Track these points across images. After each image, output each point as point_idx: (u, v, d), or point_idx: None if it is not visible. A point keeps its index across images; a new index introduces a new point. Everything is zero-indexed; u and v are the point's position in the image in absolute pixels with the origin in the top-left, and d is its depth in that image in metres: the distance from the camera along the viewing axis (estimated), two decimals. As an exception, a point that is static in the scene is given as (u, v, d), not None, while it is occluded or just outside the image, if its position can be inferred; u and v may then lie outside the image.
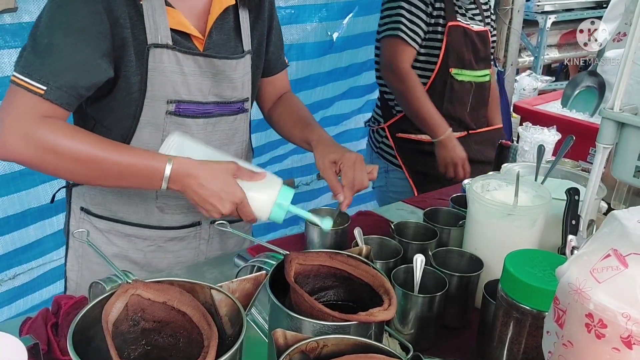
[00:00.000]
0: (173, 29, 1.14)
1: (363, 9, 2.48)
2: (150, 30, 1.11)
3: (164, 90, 1.15)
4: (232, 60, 1.22)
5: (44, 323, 0.93)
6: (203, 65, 1.18)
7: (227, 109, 1.26)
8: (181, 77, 1.16)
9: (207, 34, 1.19)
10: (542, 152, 1.26)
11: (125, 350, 0.72)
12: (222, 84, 1.23)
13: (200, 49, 1.18)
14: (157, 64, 1.13)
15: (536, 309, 0.80)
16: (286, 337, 0.66)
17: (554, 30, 4.49)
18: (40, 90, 1.01)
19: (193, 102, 1.19)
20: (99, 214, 1.28)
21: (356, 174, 1.22)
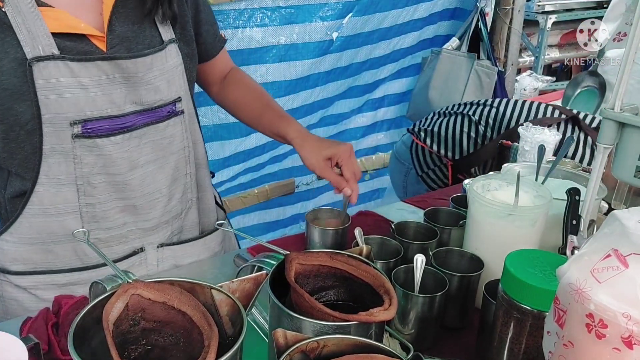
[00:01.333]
0: (58, 34, 0.93)
1: (363, 9, 2.48)
2: (26, 42, 0.91)
3: (62, 111, 0.95)
4: (146, 57, 1.02)
5: (44, 323, 0.93)
6: (109, 71, 0.98)
7: (154, 115, 1.07)
8: (82, 91, 0.96)
9: (106, 29, 0.98)
10: (542, 152, 1.26)
11: (126, 350, 0.72)
12: (139, 89, 1.02)
13: (103, 49, 0.98)
14: (46, 81, 0.93)
15: (537, 309, 0.80)
16: (286, 337, 0.66)
17: (555, 30, 4.49)
18: None
19: (104, 117, 1.00)
20: (19, 270, 1.09)
21: (353, 164, 1.20)
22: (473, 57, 2.83)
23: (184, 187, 1.19)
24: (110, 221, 1.10)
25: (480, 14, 2.89)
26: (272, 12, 2.23)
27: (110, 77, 0.99)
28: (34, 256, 1.08)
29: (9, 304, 1.12)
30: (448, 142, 2.09)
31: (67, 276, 1.09)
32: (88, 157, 1.01)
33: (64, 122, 0.97)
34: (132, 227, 1.13)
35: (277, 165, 2.66)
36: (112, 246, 1.12)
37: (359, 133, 3.00)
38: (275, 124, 1.26)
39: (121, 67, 0.99)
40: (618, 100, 0.97)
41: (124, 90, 1.01)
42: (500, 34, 3.09)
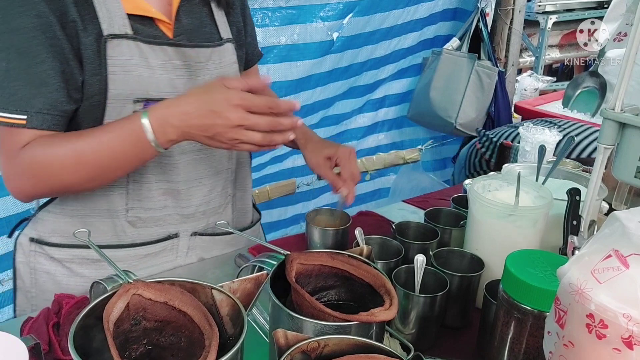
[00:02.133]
0: (133, 15, 0.99)
1: (363, 9, 2.48)
2: (104, 19, 0.96)
3: (128, 88, 1.00)
4: (207, 48, 1.08)
5: (45, 323, 0.93)
6: (174, 57, 1.04)
7: None
8: (148, 71, 1.01)
9: (174, 18, 1.05)
10: (543, 153, 1.26)
11: (127, 350, 0.72)
12: (197, 78, 1.08)
13: (170, 36, 1.05)
14: (117, 58, 0.98)
15: (537, 309, 0.80)
16: (287, 337, 0.66)
17: (555, 31, 4.48)
18: (22, 121, 0.93)
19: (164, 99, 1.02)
20: (56, 242, 1.12)
21: (353, 166, 1.20)
22: (474, 58, 2.83)
23: (225, 181, 1.22)
24: (152, 202, 1.12)
25: (480, 14, 2.89)
26: (272, 13, 2.23)
27: (174, 63, 1.04)
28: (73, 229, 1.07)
29: (40, 277, 1.15)
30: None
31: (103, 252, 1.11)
32: None
33: (128, 99, 1.01)
34: (171, 211, 1.16)
35: (278, 166, 2.66)
36: (149, 227, 1.14)
37: (359, 133, 3.00)
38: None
39: (185, 55, 1.05)
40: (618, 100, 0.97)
41: (184, 77, 1.06)
42: (500, 34, 3.09)
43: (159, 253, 1.18)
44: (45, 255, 1.14)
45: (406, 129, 3.13)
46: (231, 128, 0.91)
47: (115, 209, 1.10)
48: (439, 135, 3.13)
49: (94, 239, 1.05)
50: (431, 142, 3.16)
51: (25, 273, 1.17)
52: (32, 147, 0.95)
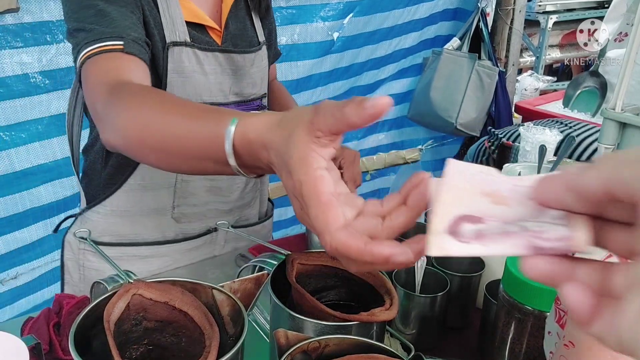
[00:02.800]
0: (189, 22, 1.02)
1: (364, 9, 2.48)
2: (167, 26, 0.99)
3: (184, 93, 1.05)
4: (251, 53, 1.14)
5: (45, 323, 0.93)
6: (223, 62, 1.09)
7: (248, 107, 1.18)
8: (203, 77, 1.06)
9: (223, 25, 1.08)
10: (543, 153, 1.26)
11: (127, 350, 0.72)
12: (242, 81, 1.14)
13: (219, 42, 1.09)
14: (176, 65, 1.02)
15: (538, 309, 0.80)
16: (288, 337, 0.66)
17: (556, 31, 4.48)
18: (120, 46, 0.90)
19: (214, 103, 1.09)
20: (105, 241, 1.17)
21: (355, 170, 1.22)
22: (474, 58, 2.83)
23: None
24: (197, 198, 1.18)
25: (481, 14, 2.89)
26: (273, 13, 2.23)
27: (223, 68, 1.09)
28: (121, 228, 1.15)
29: (89, 273, 1.19)
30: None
31: (150, 249, 1.17)
32: None
33: None
34: (212, 206, 1.22)
35: (278, 166, 2.66)
36: (192, 222, 1.21)
37: (359, 133, 3.00)
38: None
39: (232, 60, 1.10)
40: (619, 100, 0.97)
41: (230, 81, 1.11)
42: (501, 34, 3.09)
43: (200, 247, 1.25)
44: (94, 253, 1.17)
45: (406, 129, 3.14)
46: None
47: (163, 206, 1.16)
48: (439, 135, 3.13)
49: (141, 237, 1.16)
50: (431, 142, 3.16)
51: (73, 269, 1.21)
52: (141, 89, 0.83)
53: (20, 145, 1.71)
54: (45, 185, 1.83)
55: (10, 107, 1.65)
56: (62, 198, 1.89)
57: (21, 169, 1.74)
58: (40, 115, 1.71)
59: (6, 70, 1.59)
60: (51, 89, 1.71)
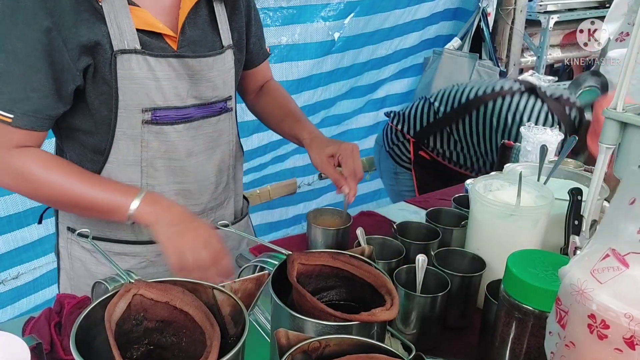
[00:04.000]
0: (140, 30, 1.05)
1: (365, 9, 2.48)
2: (115, 35, 1.02)
3: (136, 99, 1.07)
4: (209, 57, 1.14)
5: (47, 323, 0.93)
6: (178, 68, 1.10)
7: (209, 110, 1.19)
8: (154, 83, 1.08)
9: (179, 31, 1.10)
10: (544, 152, 1.26)
11: (128, 350, 0.72)
12: (200, 85, 1.15)
13: (174, 48, 1.10)
14: (126, 72, 1.05)
15: (538, 309, 0.80)
16: (288, 337, 0.66)
17: (557, 30, 4.47)
18: (8, 119, 1.00)
19: (170, 107, 1.11)
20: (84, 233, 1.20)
21: (355, 163, 1.23)
22: (475, 57, 2.83)
23: (227, 177, 1.29)
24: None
25: (482, 14, 2.89)
26: (274, 13, 2.23)
27: (178, 73, 1.10)
28: (98, 223, 1.18)
29: (75, 262, 1.24)
30: (409, 120, 2.24)
31: (121, 246, 1.20)
32: (154, 142, 1.12)
33: (137, 109, 1.08)
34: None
35: (279, 166, 2.66)
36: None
37: (361, 133, 3.00)
38: (292, 127, 1.37)
39: (188, 65, 1.11)
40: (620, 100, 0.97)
41: (187, 85, 1.13)
42: (502, 34, 3.09)
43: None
44: (77, 243, 1.23)
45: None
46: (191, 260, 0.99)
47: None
48: (440, 135, 3.13)
49: (115, 234, 1.19)
50: (432, 142, 3.15)
51: (65, 257, 1.26)
52: (31, 158, 1.04)
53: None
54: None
55: None
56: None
57: (22, 168, 1.74)
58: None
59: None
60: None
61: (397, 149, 2.29)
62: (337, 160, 1.25)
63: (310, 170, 2.83)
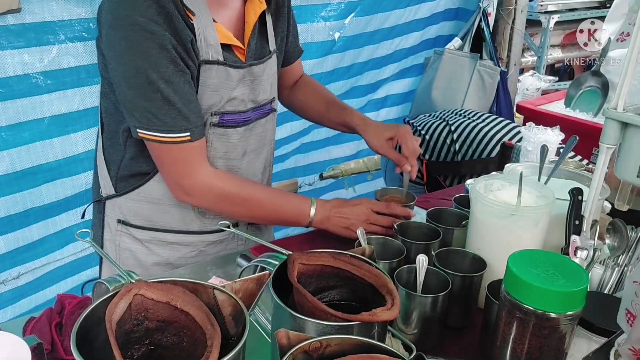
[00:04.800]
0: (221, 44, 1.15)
1: (365, 9, 2.48)
2: (202, 47, 1.12)
3: (209, 103, 1.17)
4: (263, 64, 1.24)
5: (47, 323, 0.93)
6: (246, 76, 1.20)
7: (261, 112, 1.29)
8: (228, 91, 1.18)
9: (247, 44, 1.20)
10: (545, 152, 1.26)
11: (129, 350, 0.72)
12: (257, 89, 1.25)
13: (242, 59, 1.20)
14: (206, 79, 1.15)
15: (539, 309, 0.80)
16: (289, 337, 0.66)
17: (557, 30, 4.48)
18: (187, 138, 1.12)
19: (235, 112, 1.21)
20: (139, 224, 1.29)
21: (413, 144, 1.35)
22: (476, 57, 2.83)
23: (269, 174, 1.42)
24: None
25: (482, 14, 2.89)
26: (274, 13, 2.23)
27: (244, 80, 1.21)
28: (152, 215, 1.28)
29: (122, 252, 1.33)
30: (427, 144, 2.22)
31: (175, 236, 1.29)
32: (217, 142, 1.22)
33: (207, 112, 1.18)
34: None
35: (280, 166, 2.66)
36: (217, 218, 1.29)
37: (361, 133, 3.00)
38: (340, 115, 1.47)
39: (252, 72, 1.22)
40: (621, 100, 0.97)
41: (248, 91, 1.23)
42: (502, 34, 3.08)
43: (224, 240, 1.35)
44: (129, 235, 1.30)
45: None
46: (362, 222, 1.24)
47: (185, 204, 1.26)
48: (440, 135, 3.13)
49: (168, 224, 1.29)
50: (433, 142, 3.15)
51: (111, 249, 1.33)
52: (226, 180, 1.21)
53: (22, 145, 1.71)
54: (46, 185, 1.83)
55: (11, 107, 1.65)
56: (63, 198, 1.89)
57: (22, 168, 1.74)
58: (42, 115, 1.71)
59: (8, 71, 1.60)
60: (52, 89, 1.71)
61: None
62: (396, 141, 1.36)
63: (311, 170, 2.83)
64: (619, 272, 1.09)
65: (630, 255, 1.11)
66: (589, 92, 2.58)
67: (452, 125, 2.16)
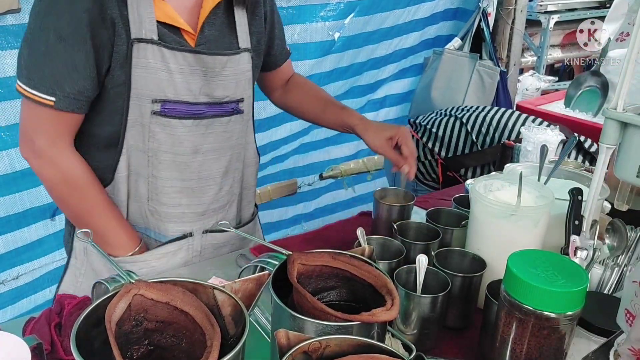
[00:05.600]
0: (161, 23, 1.09)
1: (364, 9, 2.48)
2: (135, 24, 1.06)
3: (148, 89, 1.11)
4: (223, 56, 1.18)
5: (47, 323, 0.93)
6: (193, 63, 1.13)
7: (220, 109, 1.22)
8: (167, 75, 1.11)
9: (199, 29, 1.14)
10: (545, 152, 1.26)
11: (128, 350, 0.72)
12: (212, 83, 1.18)
13: (192, 45, 1.14)
14: (140, 60, 1.08)
15: (539, 309, 0.80)
16: (289, 337, 0.66)
17: (557, 30, 4.48)
18: (50, 102, 1.05)
19: (181, 102, 1.14)
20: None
21: (411, 145, 1.35)
22: (475, 58, 2.83)
23: (232, 180, 1.32)
24: (168, 197, 1.22)
25: (482, 14, 2.89)
26: (274, 12, 2.23)
27: (192, 68, 1.13)
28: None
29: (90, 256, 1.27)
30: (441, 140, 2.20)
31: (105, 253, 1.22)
32: (160, 134, 1.15)
33: (147, 99, 1.11)
34: (185, 209, 1.25)
35: (279, 166, 2.66)
36: (166, 223, 1.24)
37: (361, 133, 2.99)
38: (338, 116, 1.44)
39: (202, 61, 1.14)
40: (620, 100, 0.97)
41: (200, 82, 1.15)
42: (502, 34, 3.08)
43: (177, 252, 1.27)
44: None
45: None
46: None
47: (141, 195, 1.22)
48: (440, 135, 3.13)
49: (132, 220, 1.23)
50: (432, 142, 3.15)
51: (80, 253, 1.28)
52: (77, 163, 1.13)
53: (21, 146, 1.71)
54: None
55: (10, 107, 1.65)
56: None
57: (21, 168, 1.74)
58: (41, 115, 1.71)
59: (7, 71, 1.59)
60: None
61: (423, 167, 2.25)
62: (396, 141, 1.35)
63: (311, 170, 2.83)
64: (619, 272, 1.09)
65: (629, 255, 1.11)
66: (588, 92, 2.58)
67: (462, 119, 2.16)
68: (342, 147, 2.92)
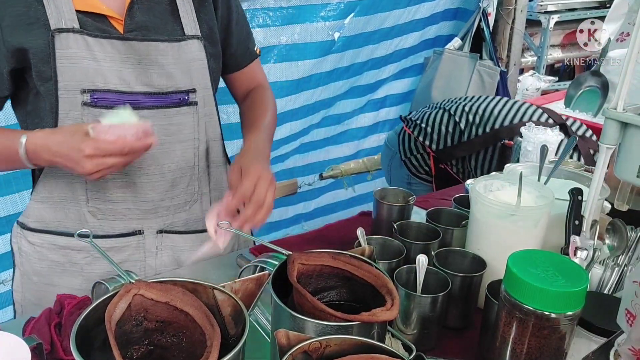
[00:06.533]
0: (81, 12, 1.05)
1: (365, 9, 2.48)
2: (52, 14, 1.02)
3: (75, 79, 1.06)
4: (161, 43, 1.11)
5: (47, 323, 0.93)
6: (123, 50, 1.08)
7: (164, 100, 1.13)
8: (94, 63, 1.06)
9: (126, 14, 1.08)
10: (545, 152, 1.26)
11: (128, 350, 0.72)
12: (150, 71, 1.11)
13: (121, 31, 1.08)
14: (64, 51, 1.04)
15: (539, 309, 0.80)
16: (289, 337, 0.66)
17: (557, 30, 4.48)
18: None
19: (111, 90, 1.08)
20: (33, 227, 1.19)
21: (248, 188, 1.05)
22: (475, 57, 2.83)
23: (190, 178, 1.22)
24: (110, 194, 1.16)
25: (482, 14, 2.89)
26: (274, 13, 2.23)
27: (123, 56, 1.08)
28: (45, 215, 1.18)
29: (21, 257, 1.24)
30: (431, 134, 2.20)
31: (66, 239, 1.17)
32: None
33: (76, 90, 1.07)
34: (131, 205, 1.18)
35: (279, 166, 2.66)
36: (110, 220, 1.18)
37: (360, 133, 3.00)
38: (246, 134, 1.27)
39: (135, 49, 1.09)
40: (620, 100, 0.97)
41: (134, 70, 1.10)
42: (502, 34, 3.09)
43: (123, 249, 1.20)
44: (24, 238, 1.21)
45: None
46: (89, 174, 0.99)
47: (78, 197, 1.15)
48: (440, 135, 3.13)
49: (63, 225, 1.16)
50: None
51: (16, 252, 1.25)
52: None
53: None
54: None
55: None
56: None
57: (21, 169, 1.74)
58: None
59: (7, 71, 1.59)
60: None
61: (415, 160, 2.26)
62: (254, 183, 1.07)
63: (310, 170, 2.83)
64: (619, 272, 1.09)
65: (630, 255, 1.11)
66: (588, 92, 2.58)
67: (450, 110, 2.16)
68: (342, 147, 2.92)
